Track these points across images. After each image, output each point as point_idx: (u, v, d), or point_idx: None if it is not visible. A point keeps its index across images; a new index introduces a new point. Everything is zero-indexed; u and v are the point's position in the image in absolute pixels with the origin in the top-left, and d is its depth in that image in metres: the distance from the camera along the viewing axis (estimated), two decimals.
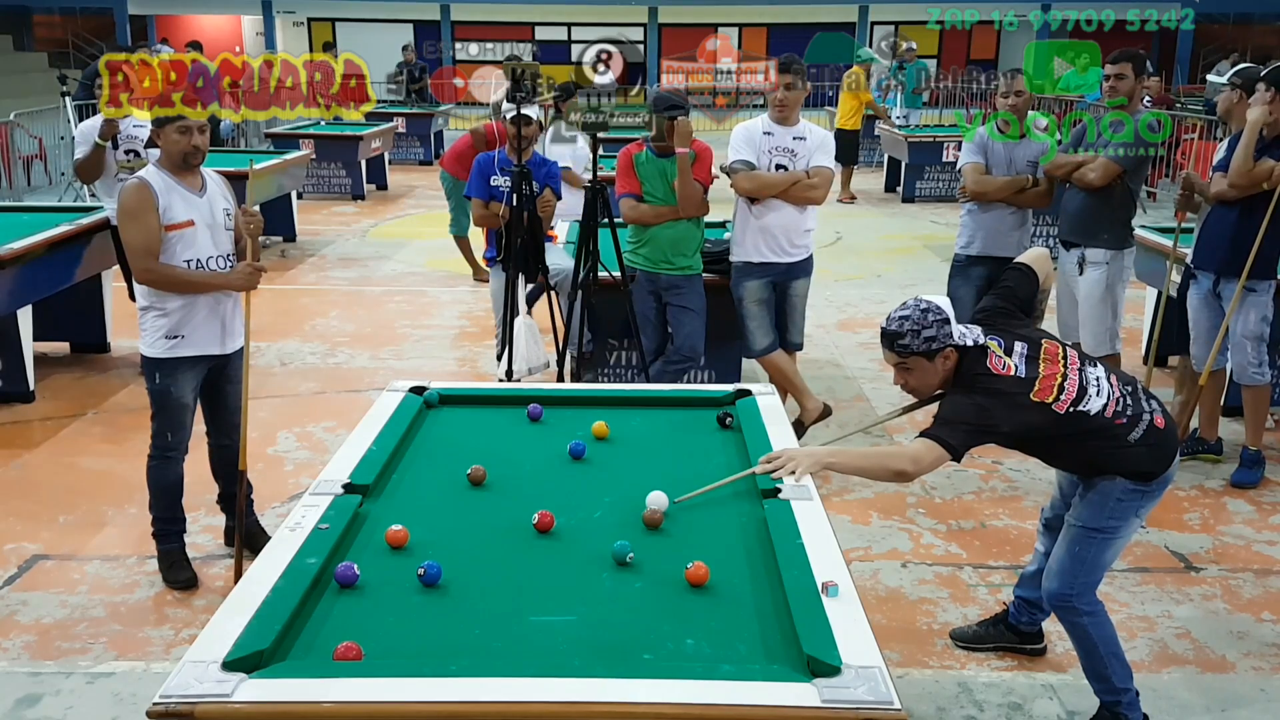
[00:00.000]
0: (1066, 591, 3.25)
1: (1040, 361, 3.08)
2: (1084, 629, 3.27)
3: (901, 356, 3.08)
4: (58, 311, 6.72)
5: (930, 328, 3.03)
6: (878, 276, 9.64)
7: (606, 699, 2.04)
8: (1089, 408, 3.06)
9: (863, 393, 6.51)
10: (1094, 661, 3.30)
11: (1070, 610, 3.27)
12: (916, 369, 3.09)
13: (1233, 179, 4.93)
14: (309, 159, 11.91)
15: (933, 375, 3.10)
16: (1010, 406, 3.02)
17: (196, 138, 3.99)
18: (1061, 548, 3.29)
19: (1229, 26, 25.12)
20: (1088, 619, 3.26)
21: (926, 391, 3.17)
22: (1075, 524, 3.24)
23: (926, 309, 3.07)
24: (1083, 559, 3.23)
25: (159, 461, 4.17)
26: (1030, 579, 3.72)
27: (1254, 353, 5.08)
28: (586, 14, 25.35)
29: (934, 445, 2.98)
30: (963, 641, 3.83)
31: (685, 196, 5.18)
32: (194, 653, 2.14)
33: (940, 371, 3.09)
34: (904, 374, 3.14)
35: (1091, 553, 3.22)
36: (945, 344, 3.04)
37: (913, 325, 3.04)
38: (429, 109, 17.02)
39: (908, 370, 3.12)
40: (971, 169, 5.60)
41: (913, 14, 23.19)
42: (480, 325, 7.71)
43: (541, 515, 2.82)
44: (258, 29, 27.40)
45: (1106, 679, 3.30)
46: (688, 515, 2.92)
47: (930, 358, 3.05)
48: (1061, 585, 3.26)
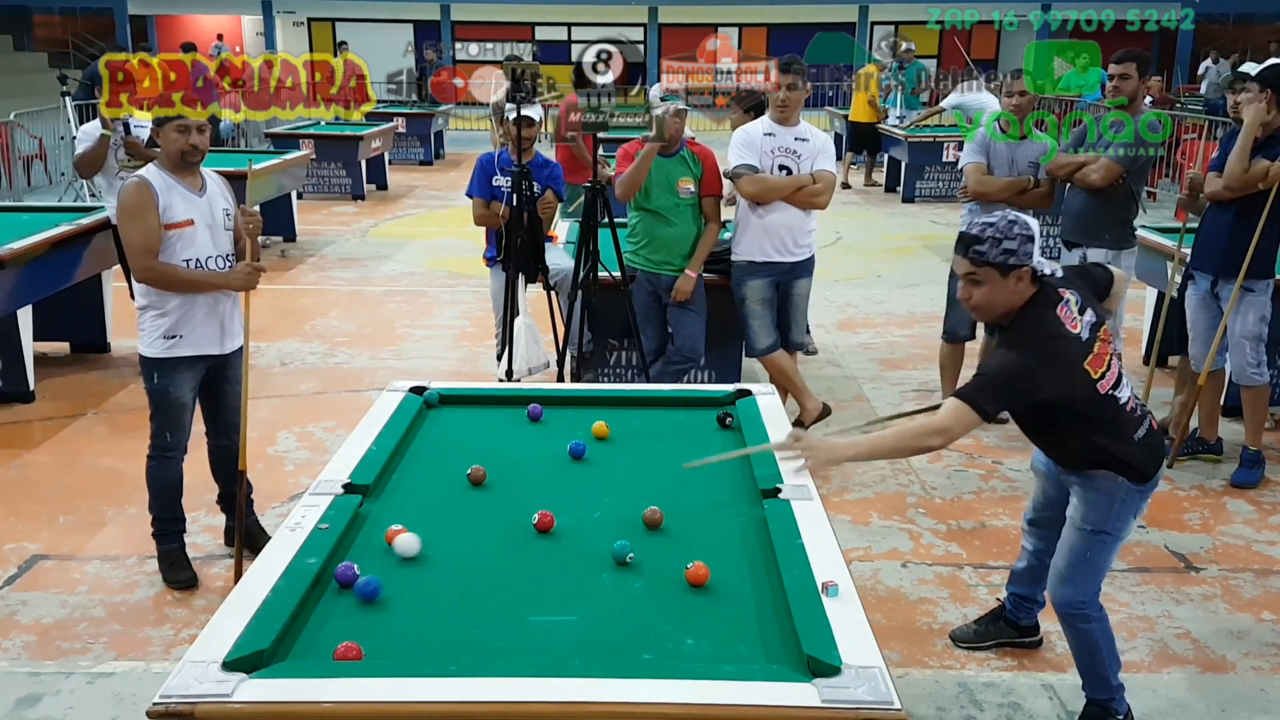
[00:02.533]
0: (1080, 599, 3.22)
1: (1098, 339, 3.03)
2: (1092, 634, 3.25)
3: (975, 265, 2.94)
4: (58, 311, 6.71)
5: (1013, 240, 2.91)
6: (878, 276, 9.64)
7: (606, 699, 2.04)
8: (1120, 396, 3.06)
9: (863, 393, 6.51)
10: (1095, 664, 3.29)
11: (1081, 617, 3.23)
12: (987, 282, 2.95)
13: (1228, 179, 4.93)
14: (309, 159, 11.91)
15: (1000, 295, 2.96)
16: (1063, 368, 2.92)
17: (195, 137, 3.99)
18: (1069, 554, 3.24)
19: (1229, 26, 25.11)
20: (1095, 624, 3.24)
21: (988, 313, 3.03)
22: (1084, 527, 3.19)
23: (1014, 221, 2.95)
24: (1093, 563, 3.20)
25: (158, 461, 4.17)
26: (1021, 575, 3.74)
27: (1253, 353, 5.08)
28: (586, 14, 25.35)
29: (967, 410, 2.88)
30: (963, 642, 3.83)
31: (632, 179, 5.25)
32: (194, 653, 2.15)
33: (1009, 293, 2.95)
34: (971, 287, 2.99)
35: (1100, 556, 3.20)
36: (1023, 262, 2.92)
37: (995, 233, 2.92)
38: (429, 109, 17.02)
39: (976, 283, 2.97)
40: (973, 169, 5.60)
41: (913, 14, 23.19)
42: (480, 325, 7.71)
43: (541, 515, 2.82)
44: (258, 29, 27.39)
45: (1105, 679, 3.30)
46: (688, 515, 2.92)
47: (1004, 273, 2.92)
48: (1075, 592, 3.21)
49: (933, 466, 5.43)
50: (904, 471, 5.37)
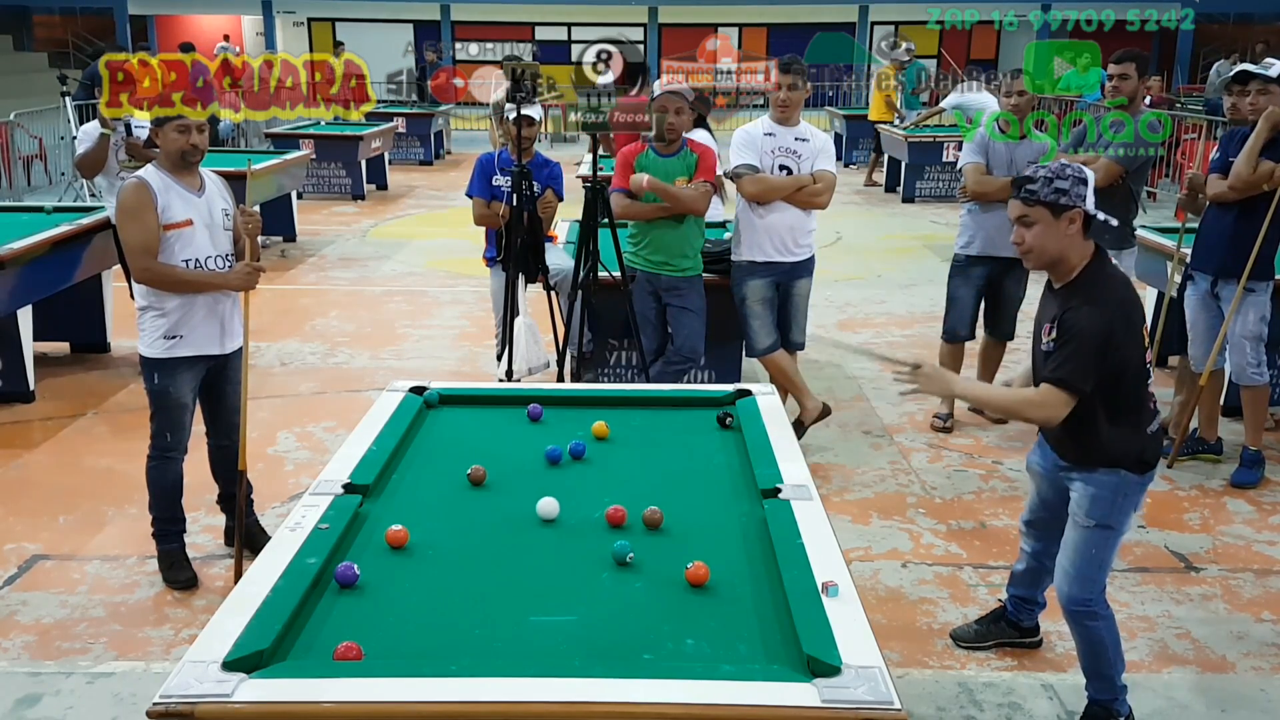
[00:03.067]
0: (1088, 596, 3.22)
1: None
2: (1099, 632, 3.26)
3: (1026, 205, 2.98)
4: (58, 311, 6.72)
5: (1065, 180, 2.94)
6: (878, 276, 9.64)
7: (606, 699, 2.04)
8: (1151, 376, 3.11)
9: (863, 393, 6.51)
10: (1101, 664, 3.29)
11: (1089, 614, 3.24)
12: (1039, 222, 2.97)
13: (1233, 180, 4.93)
14: (309, 159, 11.90)
15: (1052, 238, 2.98)
16: (1138, 327, 2.98)
17: (195, 136, 3.99)
18: (1074, 551, 3.24)
19: (1229, 26, 25.11)
20: (1103, 623, 3.25)
21: (1039, 258, 3.04)
22: (1089, 523, 3.19)
23: (1067, 165, 2.99)
24: (1098, 559, 3.21)
25: (158, 462, 4.17)
26: (1020, 577, 3.74)
27: (1252, 353, 5.08)
28: (586, 14, 25.34)
29: (1064, 396, 2.95)
30: (964, 642, 3.83)
31: (682, 207, 5.19)
32: (194, 653, 2.14)
33: (1061, 237, 2.97)
34: (1024, 229, 3.02)
35: (1105, 551, 3.21)
36: (1075, 203, 2.94)
37: (1047, 173, 2.95)
38: (430, 109, 17.02)
39: (1028, 225, 3.00)
40: (972, 169, 5.60)
41: (913, 14, 23.17)
42: (480, 325, 7.71)
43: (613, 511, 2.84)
44: (258, 29, 27.39)
45: (1110, 679, 3.31)
46: (688, 515, 2.92)
47: (1056, 213, 2.95)
48: (1083, 590, 3.22)
49: (933, 466, 5.43)
50: (904, 472, 5.37)
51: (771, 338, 5.45)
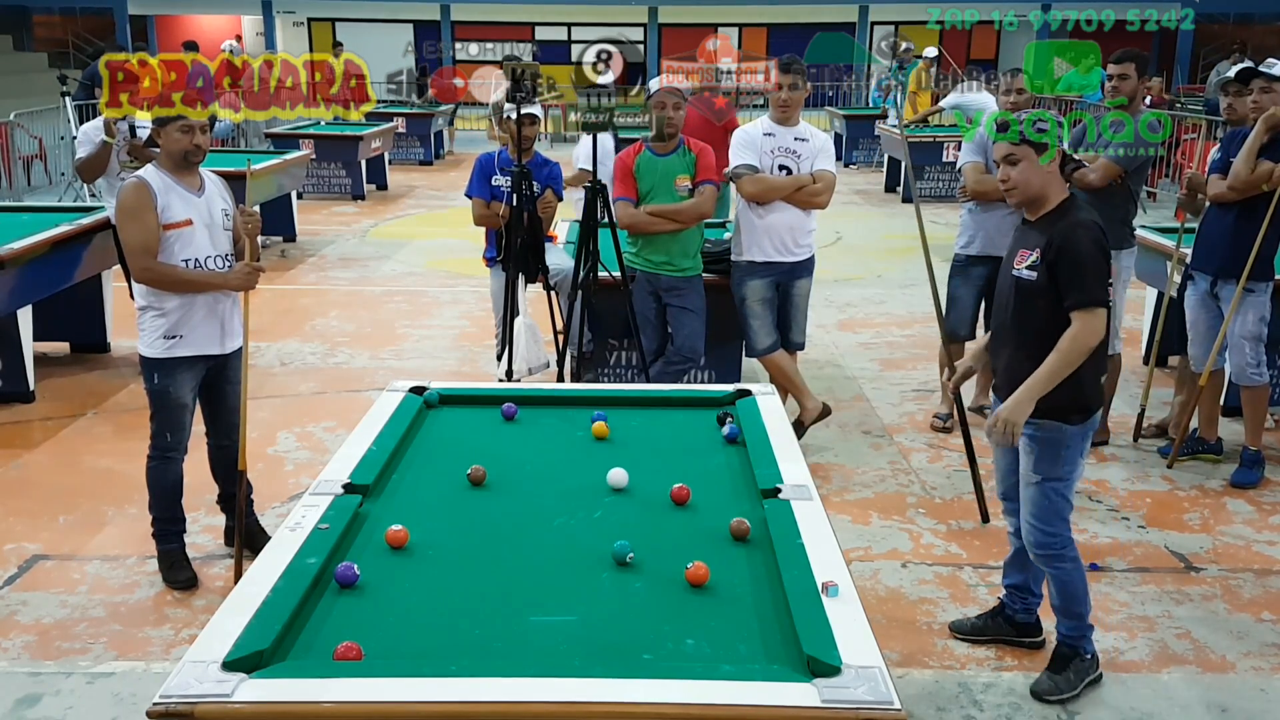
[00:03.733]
0: (1050, 540, 3.46)
1: None
2: (1069, 574, 3.49)
3: (1013, 144, 3.38)
4: (58, 311, 6.72)
5: (1044, 121, 3.39)
6: (878, 276, 9.64)
7: (606, 699, 2.04)
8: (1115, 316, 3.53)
9: (862, 393, 6.51)
10: (1073, 603, 3.52)
11: (1057, 558, 3.48)
12: (1025, 160, 3.37)
13: (1233, 181, 4.93)
14: (309, 159, 11.91)
15: (1036, 175, 3.38)
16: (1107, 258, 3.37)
17: (198, 137, 4.00)
18: (1031, 504, 3.48)
19: (1229, 26, 25.11)
20: (1070, 564, 3.49)
21: (1024, 192, 3.42)
22: (1037, 479, 3.45)
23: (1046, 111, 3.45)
24: (1054, 507, 3.45)
25: (158, 462, 4.17)
26: (1011, 563, 3.84)
27: (1252, 353, 5.08)
28: (586, 14, 25.35)
29: (1096, 314, 3.28)
30: (961, 633, 3.86)
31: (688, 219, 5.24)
32: (194, 653, 2.14)
33: (1044, 173, 3.38)
34: (1009, 167, 3.41)
35: (1059, 500, 3.45)
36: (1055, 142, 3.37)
37: (1029, 116, 3.41)
38: (430, 109, 17.02)
39: (1014, 162, 3.39)
40: (972, 169, 5.60)
41: (913, 14, 23.18)
42: (480, 325, 7.71)
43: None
44: (258, 29, 27.39)
45: (1081, 616, 3.54)
46: (688, 515, 2.92)
47: (1039, 151, 3.36)
48: (1044, 536, 3.47)
49: (933, 466, 5.43)
50: (904, 471, 5.37)
51: (771, 338, 5.45)
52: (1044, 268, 3.35)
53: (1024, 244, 3.47)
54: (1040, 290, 3.36)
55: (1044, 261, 3.35)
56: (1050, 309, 3.35)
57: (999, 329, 3.61)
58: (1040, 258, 3.36)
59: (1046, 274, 3.34)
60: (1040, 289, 3.36)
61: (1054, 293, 3.33)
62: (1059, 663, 3.56)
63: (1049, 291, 3.34)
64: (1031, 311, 3.41)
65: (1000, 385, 3.56)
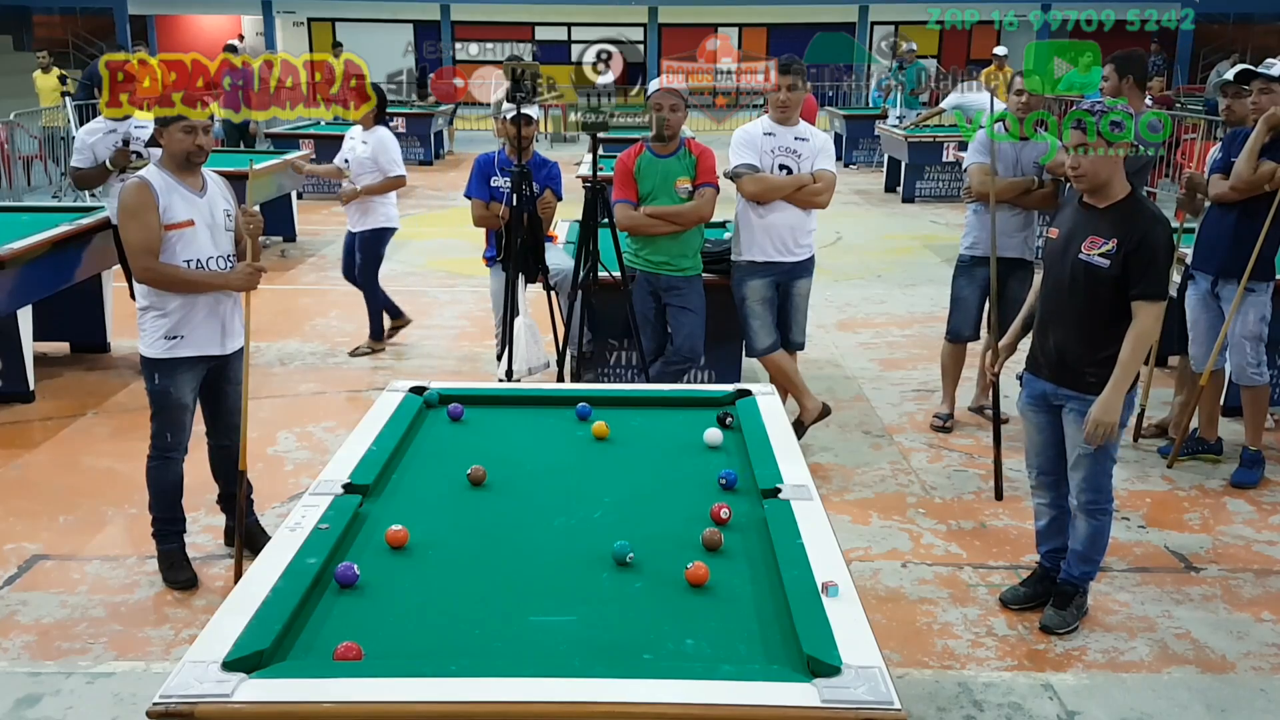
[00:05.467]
0: (1101, 496, 3.77)
1: None
2: (1105, 525, 3.81)
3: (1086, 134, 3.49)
4: (58, 311, 6.72)
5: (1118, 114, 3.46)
6: (878, 276, 9.64)
7: (606, 699, 2.04)
8: None
9: (863, 393, 6.51)
10: (1096, 550, 3.84)
11: (1104, 511, 3.78)
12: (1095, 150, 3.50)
13: (1234, 181, 4.93)
14: (309, 159, 11.89)
15: (1105, 165, 3.51)
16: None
17: (201, 137, 3.99)
18: (1085, 469, 3.71)
19: (1229, 26, 25.11)
20: (1109, 516, 3.82)
21: (1091, 181, 3.55)
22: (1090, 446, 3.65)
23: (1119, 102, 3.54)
24: (1106, 468, 3.74)
25: (159, 462, 4.17)
26: (1046, 531, 4.05)
27: (1253, 353, 5.08)
28: (586, 14, 25.34)
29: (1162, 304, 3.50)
30: (1014, 604, 4.03)
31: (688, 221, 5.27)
32: (194, 653, 2.14)
33: (1112, 164, 3.50)
34: (1080, 155, 3.53)
35: (1109, 461, 3.74)
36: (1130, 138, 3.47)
37: (1103, 107, 3.49)
38: (431, 109, 17.01)
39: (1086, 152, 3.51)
40: (977, 170, 5.60)
41: (913, 14, 23.18)
42: (480, 325, 7.71)
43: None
44: (258, 29, 27.39)
45: (1096, 561, 3.87)
46: (688, 515, 2.91)
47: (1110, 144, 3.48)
48: (1097, 494, 3.76)
49: (933, 466, 5.43)
50: (904, 471, 5.37)
51: (771, 338, 5.44)
52: (1120, 257, 3.50)
53: (1093, 230, 3.59)
54: (1112, 279, 3.52)
55: (1121, 251, 3.50)
56: (1114, 296, 3.54)
57: (1052, 310, 3.76)
58: (1117, 247, 3.51)
59: (1123, 264, 3.49)
60: (1112, 277, 3.52)
61: (1123, 281, 3.49)
62: (1064, 599, 3.87)
63: (1120, 280, 3.51)
64: (1095, 297, 3.58)
65: (1045, 364, 3.77)
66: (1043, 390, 3.84)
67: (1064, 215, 3.80)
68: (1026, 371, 3.95)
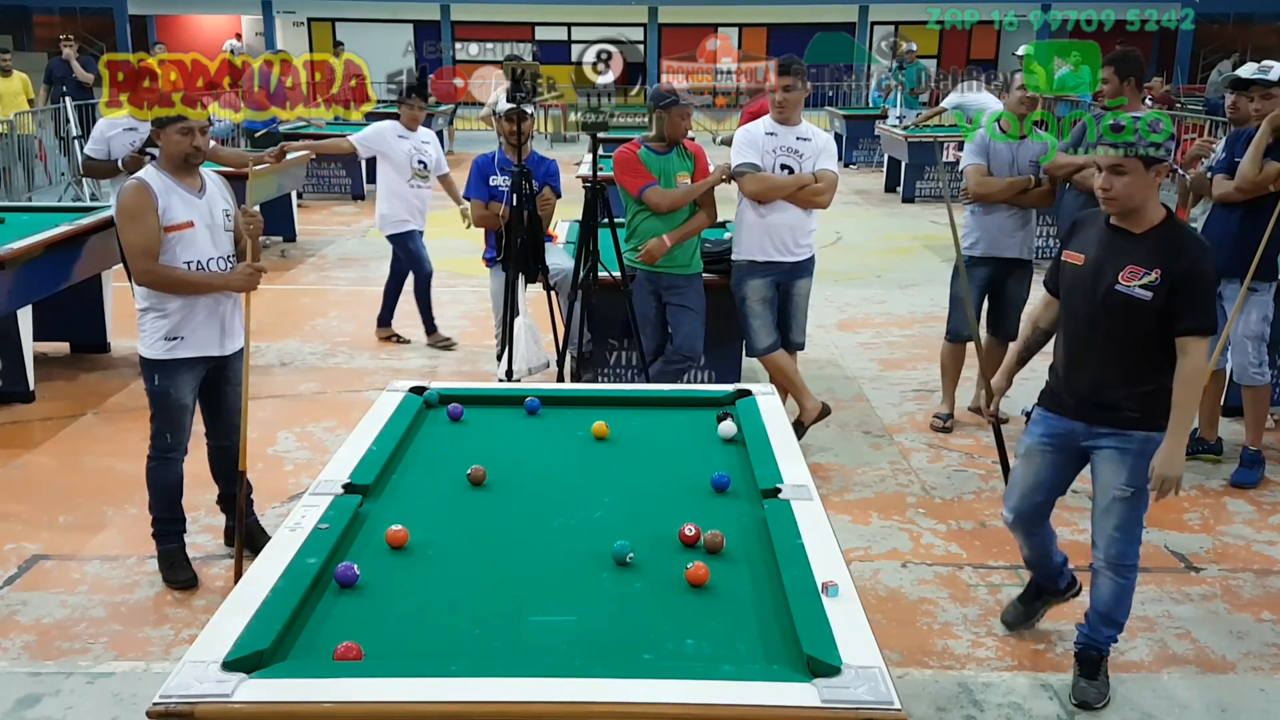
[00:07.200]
0: (1131, 550, 3.42)
1: None
2: (1131, 584, 3.48)
3: (1125, 155, 3.17)
4: (58, 311, 6.72)
5: (1159, 135, 3.15)
6: (878, 276, 9.64)
7: (606, 699, 2.03)
8: None
9: (863, 393, 6.51)
10: (1120, 610, 3.49)
11: (1131, 568, 3.44)
12: (1131, 173, 3.17)
13: (1239, 181, 4.94)
14: (309, 159, 11.89)
15: (1140, 188, 3.18)
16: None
17: (199, 138, 3.99)
18: (1118, 517, 3.38)
19: (1229, 26, 25.12)
20: (1135, 575, 3.48)
21: (1125, 204, 3.22)
22: (1129, 491, 3.34)
23: (1159, 118, 3.18)
24: (1139, 517, 3.41)
25: (159, 462, 4.17)
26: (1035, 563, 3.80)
27: (1254, 353, 5.09)
28: (586, 14, 25.34)
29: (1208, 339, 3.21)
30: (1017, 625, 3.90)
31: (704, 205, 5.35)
32: (194, 653, 2.14)
33: (1148, 187, 3.18)
34: (1114, 177, 3.19)
35: (1144, 507, 3.40)
36: (1165, 158, 3.17)
37: (1147, 130, 3.17)
38: (431, 109, 16.99)
39: (1120, 173, 3.18)
40: (973, 171, 5.61)
41: (913, 14, 23.18)
42: (480, 325, 7.71)
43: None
44: (258, 29, 27.39)
45: (1120, 624, 3.52)
46: (688, 515, 2.91)
47: (1148, 165, 3.16)
48: (1127, 547, 3.41)
49: (933, 466, 5.43)
50: (904, 471, 5.37)
51: (772, 337, 5.44)
52: (1165, 289, 3.17)
53: (1130, 259, 3.24)
54: (1154, 311, 3.20)
55: (1166, 282, 3.16)
56: (1157, 328, 3.21)
57: (1083, 345, 3.38)
58: (1161, 278, 3.17)
59: (1168, 296, 3.17)
60: (1155, 310, 3.19)
61: (1166, 314, 3.18)
62: (1092, 668, 3.51)
63: (1164, 313, 3.19)
64: (1133, 330, 3.25)
65: (1073, 404, 3.42)
66: (1069, 430, 3.46)
67: (1087, 238, 3.39)
68: (1041, 408, 3.57)
